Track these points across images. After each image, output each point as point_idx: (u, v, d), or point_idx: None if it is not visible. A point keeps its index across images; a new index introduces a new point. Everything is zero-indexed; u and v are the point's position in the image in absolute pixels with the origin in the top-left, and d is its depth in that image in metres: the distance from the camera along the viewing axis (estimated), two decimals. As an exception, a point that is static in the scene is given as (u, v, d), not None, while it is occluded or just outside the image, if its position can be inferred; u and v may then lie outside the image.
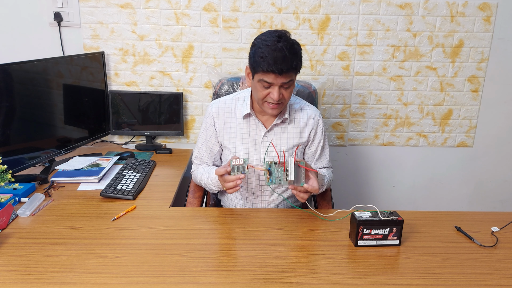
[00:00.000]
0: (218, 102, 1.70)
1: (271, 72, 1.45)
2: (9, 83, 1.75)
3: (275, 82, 1.48)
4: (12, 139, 1.78)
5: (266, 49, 1.45)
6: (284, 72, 1.45)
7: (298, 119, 1.68)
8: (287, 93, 1.53)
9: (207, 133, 1.71)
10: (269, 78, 1.47)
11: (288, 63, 1.44)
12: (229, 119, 1.68)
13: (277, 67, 1.43)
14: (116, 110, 2.32)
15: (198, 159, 1.77)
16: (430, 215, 1.57)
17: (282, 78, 1.47)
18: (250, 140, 1.66)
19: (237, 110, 1.67)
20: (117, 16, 2.27)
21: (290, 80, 1.50)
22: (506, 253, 1.35)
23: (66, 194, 1.73)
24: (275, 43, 1.45)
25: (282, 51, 1.44)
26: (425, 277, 1.22)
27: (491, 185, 2.65)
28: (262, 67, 1.45)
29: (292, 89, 1.55)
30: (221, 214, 1.59)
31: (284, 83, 1.49)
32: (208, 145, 1.72)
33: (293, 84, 1.53)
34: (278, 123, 1.65)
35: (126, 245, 1.35)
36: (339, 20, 2.31)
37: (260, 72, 1.48)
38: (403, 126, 2.51)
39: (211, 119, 1.69)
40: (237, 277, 1.20)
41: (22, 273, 1.19)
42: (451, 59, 2.39)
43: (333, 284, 1.18)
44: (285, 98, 1.53)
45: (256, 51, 1.48)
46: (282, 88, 1.50)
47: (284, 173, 1.43)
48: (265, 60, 1.44)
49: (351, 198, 2.61)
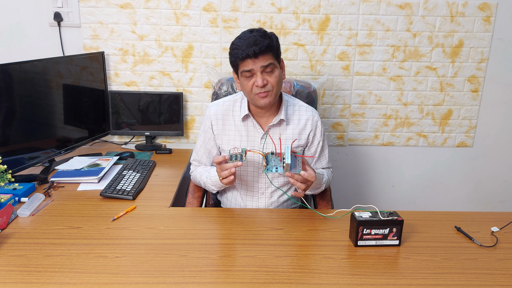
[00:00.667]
0: (216, 105, 1.70)
1: (246, 57, 1.48)
2: (9, 83, 1.75)
3: (254, 68, 1.49)
4: (12, 139, 1.78)
5: (239, 41, 1.51)
6: (259, 54, 1.47)
7: (296, 120, 1.68)
8: (272, 79, 1.52)
9: (206, 135, 1.71)
10: (247, 65, 1.49)
11: (260, 44, 1.47)
12: (227, 122, 1.67)
13: (250, 50, 1.46)
14: (116, 110, 2.32)
15: (196, 161, 1.77)
16: (430, 215, 1.57)
17: (259, 61, 1.48)
18: (248, 142, 1.66)
19: (235, 112, 1.67)
20: (117, 16, 2.27)
21: (270, 64, 1.50)
22: (506, 253, 1.35)
23: (66, 194, 1.73)
24: (246, 34, 1.52)
25: (253, 37, 1.49)
26: (425, 277, 1.22)
27: (491, 185, 2.65)
28: (238, 56, 1.49)
29: (277, 74, 1.53)
30: (221, 214, 1.59)
31: (264, 67, 1.49)
32: (207, 147, 1.72)
33: (276, 69, 1.53)
34: (275, 124, 1.64)
35: (126, 245, 1.35)
36: (339, 20, 2.31)
37: (239, 63, 1.51)
38: (403, 126, 2.51)
39: (209, 121, 1.69)
40: (237, 277, 1.20)
41: (22, 273, 1.19)
42: (451, 59, 2.40)
43: (333, 284, 1.18)
44: (272, 84, 1.52)
45: (231, 48, 1.55)
46: (265, 74, 1.51)
47: (280, 162, 1.44)
48: (239, 48, 1.49)
49: (351, 198, 2.61)
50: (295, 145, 1.67)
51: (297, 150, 1.68)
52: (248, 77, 1.52)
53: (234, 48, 1.52)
